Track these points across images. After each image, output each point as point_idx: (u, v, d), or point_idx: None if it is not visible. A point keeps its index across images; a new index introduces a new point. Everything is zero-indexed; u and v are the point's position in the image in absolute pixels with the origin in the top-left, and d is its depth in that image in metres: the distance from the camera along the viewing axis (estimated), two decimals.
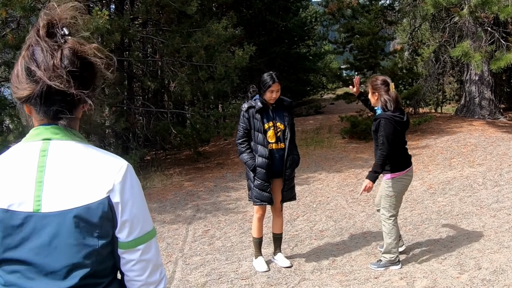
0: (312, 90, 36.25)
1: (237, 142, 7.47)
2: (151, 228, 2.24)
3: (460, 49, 17.20)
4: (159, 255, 2.28)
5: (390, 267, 7.39)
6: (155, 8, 15.49)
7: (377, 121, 7.22)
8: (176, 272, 7.86)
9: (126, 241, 2.14)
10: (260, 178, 7.34)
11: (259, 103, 7.34)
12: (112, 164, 2.13)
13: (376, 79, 7.40)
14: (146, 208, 2.23)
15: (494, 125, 19.08)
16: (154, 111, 18.05)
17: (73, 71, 2.02)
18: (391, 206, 7.41)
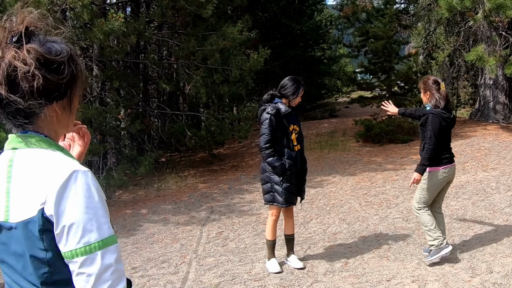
0: (327, 93, 36.17)
1: (264, 147, 7.42)
2: (96, 240, 2.04)
3: (475, 53, 17.21)
4: (112, 270, 2.07)
5: (442, 252, 7.53)
6: (171, 11, 15.58)
7: (425, 117, 7.50)
8: (190, 273, 7.94)
9: (63, 252, 2.03)
10: (289, 181, 7.46)
11: (285, 107, 7.43)
12: (54, 173, 2.05)
13: (428, 79, 7.69)
14: (92, 219, 2.05)
15: (508, 130, 19.05)
16: (169, 113, 18.13)
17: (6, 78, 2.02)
18: (421, 198, 7.63)
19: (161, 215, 11.72)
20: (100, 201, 2.08)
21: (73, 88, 2.19)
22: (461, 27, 21.40)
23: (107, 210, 2.13)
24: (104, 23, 11.89)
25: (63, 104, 2.17)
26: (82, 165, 2.13)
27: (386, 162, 15.67)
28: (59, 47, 2.12)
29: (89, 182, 2.07)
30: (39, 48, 2.04)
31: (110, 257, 2.06)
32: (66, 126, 2.29)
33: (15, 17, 2.07)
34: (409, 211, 10.63)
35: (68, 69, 2.12)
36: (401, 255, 8.13)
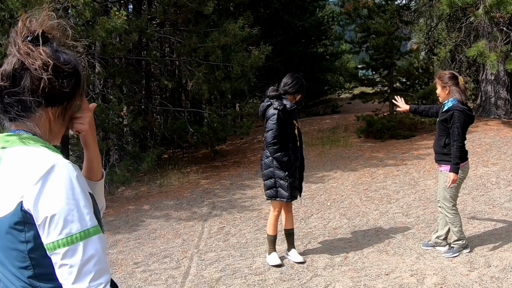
0: (329, 89, 36.26)
1: (271, 142, 7.47)
2: (78, 231, 2.06)
3: (476, 49, 17.26)
4: (95, 261, 2.08)
5: (464, 251, 7.71)
6: (173, 9, 15.62)
7: (449, 113, 7.52)
8: (191, 268, 8.01)
9: (45, 244, 2.05)
10: (293, 176, 7.60)
11: (290, 103, 7.51)
12: (33, 166, 2.09)
13: (444, 74, 7.70)
14: (73, 209, 2.06)
15: (509, 125, 19.09)
16: (172, 110, 18.19)
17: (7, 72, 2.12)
18: (452, 196, 7.66)
19: (163, 211, 11.78)
20: (81, 192, 2.10)
21: (71, 99, 2.26)
22: (462, 23, 21.42)
23: (90, 201, 2.14)
24: (106, 21, 11.94)
25: (58, 112, 2.23)
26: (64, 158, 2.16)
27: (388, 157, 15.72)
28: (68, 58, 2.20)
29: (70, 174, 2.10)
30: (50, 53, 2.12)
31: (93, 247, 2.08)
32: (56, 134, 2.34)
33: (35, 19, 2.16)
34: (409, 206, 10.71)
35: (70, 81, 2.20)
36: (400, 249, 8.20)
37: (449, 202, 7.63)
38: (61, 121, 2.29)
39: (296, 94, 7.61)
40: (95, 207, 2.26)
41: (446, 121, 7.55)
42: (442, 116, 7.65)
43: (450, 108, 7.52)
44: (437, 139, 7.78)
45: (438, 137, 7.77)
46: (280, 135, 7.47)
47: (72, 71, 2.21)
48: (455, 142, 7.40)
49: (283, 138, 7.52)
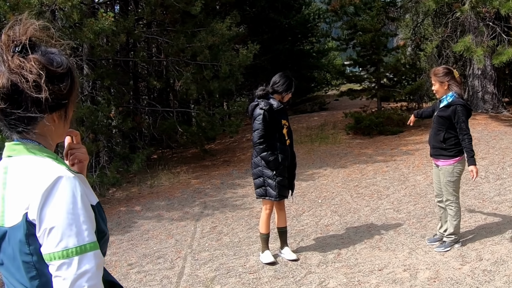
0: (316, 86, 36.26)
1: (258, 142, 7.54)
2: (74, 245, 2.08)
3: (462, 44, 17.34)
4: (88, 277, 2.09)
5: (455, 246, 7.81)
6: (160, 9, 15.63)
7: (451, 108, 7.59)
8: (186, 268, 8.04)
9: (43, 254, 2.09)
10: (282, 175, 7.63)
11: (277, 103, 7.56)
12: (39, 178, 2.12)
13: (440, 71, 7.75)
14: (72, 224, 2.09)
15: (497, 119, 19.19)
16: (160, 110, 18.20)
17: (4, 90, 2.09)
18: (455, 189, 7.78)
19: (155, 211, 11.80)
20: (83, 207, 2.12)
21: (70, 98, 2.28)
22: (448, 18, 21.48)
23: (91, 216, 2.16)
24: (94, 22, 11.95)
25: (60, 114, 2.26)
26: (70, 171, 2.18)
27: (377, 154, 15.78)
28: (60, 59, 2.21)
29: (73, 188, 2.12)
30: (42, 59, 2.12)
31: (88, 263, 2.10)
32: (61, 135, 2.37)
33: (18, 27, 2.15)
34: (400, 202, 10.77)
35: (67, 80, 2.21)
36: (392, 245, 8.26)
37: (453, 196, 7.74)
38: (64, 120, 2.31)
39: (284, 94, 7.65)
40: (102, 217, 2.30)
41: (447, 117, 7.63)
42: (442, 111, 7.70)
43: (451, 103, 7.58)
44: (435, 134, 7.84)
45: (436, 132, 7.83)
46: (266, 134, 7.52)
47: (66, 70, 2.22)
48: (465, 135, 7.52)
49: (270, 138, 7.57)
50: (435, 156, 7.90)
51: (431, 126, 8.06)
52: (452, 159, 7.61)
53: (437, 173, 8.00)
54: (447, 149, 7.63)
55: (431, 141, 7.98)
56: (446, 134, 7.61)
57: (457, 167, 7.66)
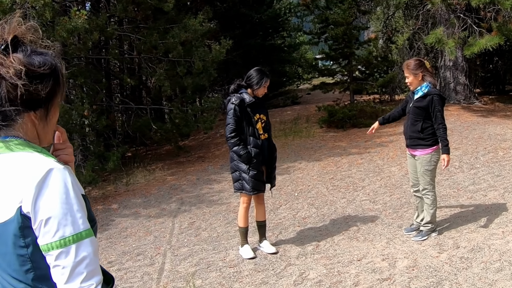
0: (288, 81, 36.23)
1: (229, 136, 7.63)
2: (71, 234, 2.14)
3: (434, 36, 17.47)
4: (86, 263, 2.16)
5: (432, 234, 7.94)
6: (132, 6, 15.60)
7: (428, 98, 7.71)
8: (166, 264, 8.07)
9: (40, 245, 2.13)
10: (255, 168, 7.64)
11: (249, 97, 7.60)
12: (30, 172, 2.16)
13: (412, 63, 7.83)
14: (67, 213, 2.14)
15: (469, 110, 19.38)
16: (134, 107, 18.16)
17: None
18: (432, 178, 7.89)
19: (132, 209, 11.80)
20: (75, 197, 2.16)
21: (52, 100, 2.30)
22: (419, 11, 21.63)
23: (83, 205, 2.21)
24: (67, 21, 11.91)
25: (40, 114, 2.28)
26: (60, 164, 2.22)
27: (351, 146, 15.87)
28: (43, 59, 2.23)
29: (65, 178, 2.16)
30: (23, 58, 2.15)
31: (85, 250, 2.16)
32: (45, 134, 2.39)
33: (7, 26, 2.17)
34: (376, 193, 10.87)
35: (48, 82, 2.24)
36: (370, 235, 8.35)
37: (430, 185, 7.85)
38: (45, 123, 2.32)
39: (255, 88, 7.69)
40: (88, 208, 2.32)
41: (424, 107, 7.73)
42: (418, 102, 7.79)
43: (427, 93, 7.70)
44: (411, 124, 7.92)
45: (412, 122, 7.90)
46: (237, 129, 7.61)
47: (49, 71, 2.24)
48: (440, 125, 7.66)
49: (242, 132, 7.66)
50: (412, 147, 7.98)
51: (406, 117, 8.13)
52: (429, 148, 7.73)
53: (413, 163, 8.09)
54: (425, 139, 7.74)
55: (407, 132, 8.04)
56: (423, 124, 7.71)
57: (435, 156, 7.78)
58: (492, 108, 20.39)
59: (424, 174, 7.82)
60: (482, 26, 18.50)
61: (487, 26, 18.33)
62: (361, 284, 6.57)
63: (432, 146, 7.74)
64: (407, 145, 8.15)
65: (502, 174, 11.19)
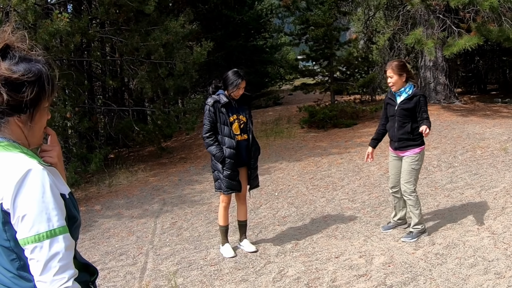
0: (270, 81, 36.32)
1: (204, 136, 7.79)
2: (45, 230, 2.28)
3: (413, 37, 17.68)
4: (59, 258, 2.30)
5: (422, 236, 7.97)
6: (113, 8, 15.66)
7: (414, 99, 7.79)
8: (148, 263, 8.18)
9: (18, 239, 2.29)
10: (229, 168, 7.73)
11: (224, 98, 7.73)
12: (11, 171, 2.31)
13: (396, 64, 7.86)
14: (42, 211, 2.29)
15: (449, 109, 19.59)
16: (116, 109, 18.22)
17: None
18: (415, 179, 7.98)
19: (115, 210, 11.88)
20: (52, 196, 2.32)
21: (36, 106, 2.43)
22: (399, 11, 21.81)
23: (59, 204, 2.36)
24: (49, 24, 11.99)
25: (24, 119, 2.42)
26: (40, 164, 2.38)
27: (331, 146, 16.01)
28: (29, 67, 2.36)
29: (42, 179, 2.31)
30: (8, 66, 2.30)
31: (58, 246, 2.31)
32: (32, 137, 2.52)
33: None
34: (355, 192, 11.04)
35: (31, 89, 2.37)
36: (348, 233, 8.51)
37: (412, 185, 7.91)
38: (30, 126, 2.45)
39: (229, 89, 7.77)
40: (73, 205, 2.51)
41: (412, 108, 7.80)
42: (405, 103, 7.83)
43: (413, 94, 7.79)
44: (399, 127, 7.93)
45: (401, 125, 7.92)
46: (211, 129, 7.77)
47: (34, 78, 2.35)
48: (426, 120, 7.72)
49: (216, 132, 7.81)
50: (401, 149, 8.01)
51: (391, 120, 8.14)
52: (418, 147, 7.86)
53: (397, 165, 8.18)
54: (415, 139, 7.84)
55: (394, 135, 8.04)
56: (412, 124, 7.80)
57: (423, 155, 7.97)
58: (472, 108, 20.59)
59: (410, 173, 7.90)
60: (462, 26, 18.72)
61: (466, 26, 18.55)
62: (338, 280, 6.73)
63: (420, 145, 7.87)
64: (394, 148, 8.14)
65: (479, 173, 11.39)
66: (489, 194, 9.80)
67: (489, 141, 14.17)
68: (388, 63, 8.13)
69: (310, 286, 6.68)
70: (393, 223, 8.50)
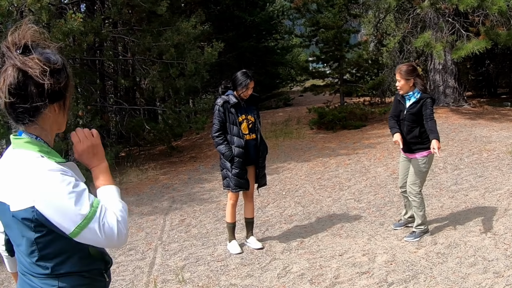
0: (281, 83, 36.40)
1: (214, 135, 7.97)
2: (86, 214, 2.42)
3: (422, 40, 17.77)
4: (106, 226, 2.45)
5: (424, 236, 8.08)
6: (126, 9, 15.81)
7: (420, 102, 7.88)
8: (156, 258, 8.34)
9: (68, 234, 2.44)
10: (238, 167, 7.90)
11: (234, 98, 7.89)
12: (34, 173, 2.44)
13: (405, 68, 7.96)
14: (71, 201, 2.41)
15: (457, 112, 19.69)
16: (128, 108, 18.37)
17: (13, 85, 2.46)
18: (422, 181, 8.09)
19: None
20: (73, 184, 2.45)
21: (67, 91, 2.63)
22: (410, 14, 21.87)
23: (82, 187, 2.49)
24: (63, 23, 12.16)
25: (60, 104, 2.60)
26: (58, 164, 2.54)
27: (339, 147, 16.15)
28: (55, 57, 2.55)
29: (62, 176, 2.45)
30: (41, 57, 2.48)
31: (103, 216, 2.47)
32: (60, 124, 2.71)
33: (17, 32, 2.50)
34: (361, 192, 11.19)
35: (63, 75, 2.57)
36: (352, 232, 8.67)
37: (418, 187, 8.01)
38: (63, 112, 2.65)
39: (238, 89, 7.93)
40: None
41: (418, 112, 7.89)
42: (412, 108, 7.93)
43: (420, 98, 7.87)
44: (408, 131, 8.03)
45: (409, 129, 8.02)
46: (221, 128, 7.93)
47: (61, 66, 2.56)
48: (432, 120, 7.76)
49: (226, 132, 7.97)
50: (411, 152, 8.11)
51: (401, 124, 8.20)
52: (426, 151, 7.91)
53: (406, 165, 8.31)
54: (423, 142, 7.93)
55: (404, 139, 8.08)
56: (420, 128, 7.91)
57: (431, 158, 8.01)
58: (480, 111, 20.70)
59: (416, 175, 8.01)
60: (470, 30, 18.82)
61: (475, 30, 18.65)
62: (341, 277, 6.89)
63: (428, 149, 7.83)
64: (404, 150, 8.23)
65: (484, 175, 11.52)
66: (493, 196, 9.94)
67: (495, 144, 14.30)
68: (398, 66, 8.23)
69: (314, 282, 6.84)
70: (404, 220, 8.66)
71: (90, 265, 2.73)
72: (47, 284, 2.61)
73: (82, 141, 2.71)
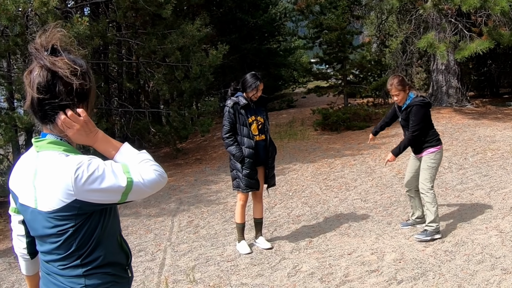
0: (284, 84, 36.39)
1: (224, 136, 8.01)
2: (125, 184, 2.58)
3: (425, 41, 17.81)
4: (146, 178, 2.66)
5: (436, 236, 8.06)
6: (131, 12, 15.89)
7: (408, 109, 8.02)
8: (166, 259, 8.41)
9: (118, 201, 2.64)
10: (248, 168, 7.97)
11: (243, 100, 7.97)
12: (66, 170, 2.52)
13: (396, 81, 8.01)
14: (108, 180, 2.55)
15: (461, 112, 19.74)
16: (133, 111, 18.44)
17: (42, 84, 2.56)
18: (432, 177, 8.12)
19: (133, 208, 12.07)
20: (103, 168, 2.55)
21: (91, 93, 2.74)
22: (412, 15, 21.94)
23: (110, 164, 2.60)
24: (69, 27, 12.23)
25: (84, 106, 2.69)
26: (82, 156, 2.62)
27: (344, 148, 16.22)
28: (79, 61, 2.66)
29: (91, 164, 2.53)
30: (69, 59, 2.58)
31: (134, 169, 2.65)
32: None
33: (45, 35, 2.59)
34: (367, 192, 11.27)
35: (88, 78, 2.68)
36: (360, 231, 8.76)
37: (429, 183, 8.07)
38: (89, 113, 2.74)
39: (248, 91, 8.01)
40: None
41: (408, 119, 8.05)
42: (403, 114, 8.13)
43: (409, 105, 8.00)
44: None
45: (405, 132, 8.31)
46: (231, 129, 7.98)
47: (86, 70, 2.67)
48: (411, 132, 7.96)
49: (235, 133, 8.04)
50: (419, 152, 8.26)
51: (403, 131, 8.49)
52: (433, 148, 8.05)
53: (415, 164, 8.42)
54: (429, 141, 8.06)
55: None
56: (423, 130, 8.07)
57: (439, 154, 8.09)
58: (483, 111, 20.74)
59: (426, 171, 8.08)
60: (473, 30, 18.87)
61: (478, 30, 18.70)
62: (350, 275, 6.97)
63: (435, 146, 8.05)
64: (414, 153, 8.43)
65: (489, 174, 11.61)
66: (498, 195, 10.04)
67: (499, 143, 14.37)
68: (388, 83, 8.22)
69: (324, 280, 6.92)
70: (412, 221, 8.73)
71: (116, 256, 2.84)
72: (73, 283, 2.70)
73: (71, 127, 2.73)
